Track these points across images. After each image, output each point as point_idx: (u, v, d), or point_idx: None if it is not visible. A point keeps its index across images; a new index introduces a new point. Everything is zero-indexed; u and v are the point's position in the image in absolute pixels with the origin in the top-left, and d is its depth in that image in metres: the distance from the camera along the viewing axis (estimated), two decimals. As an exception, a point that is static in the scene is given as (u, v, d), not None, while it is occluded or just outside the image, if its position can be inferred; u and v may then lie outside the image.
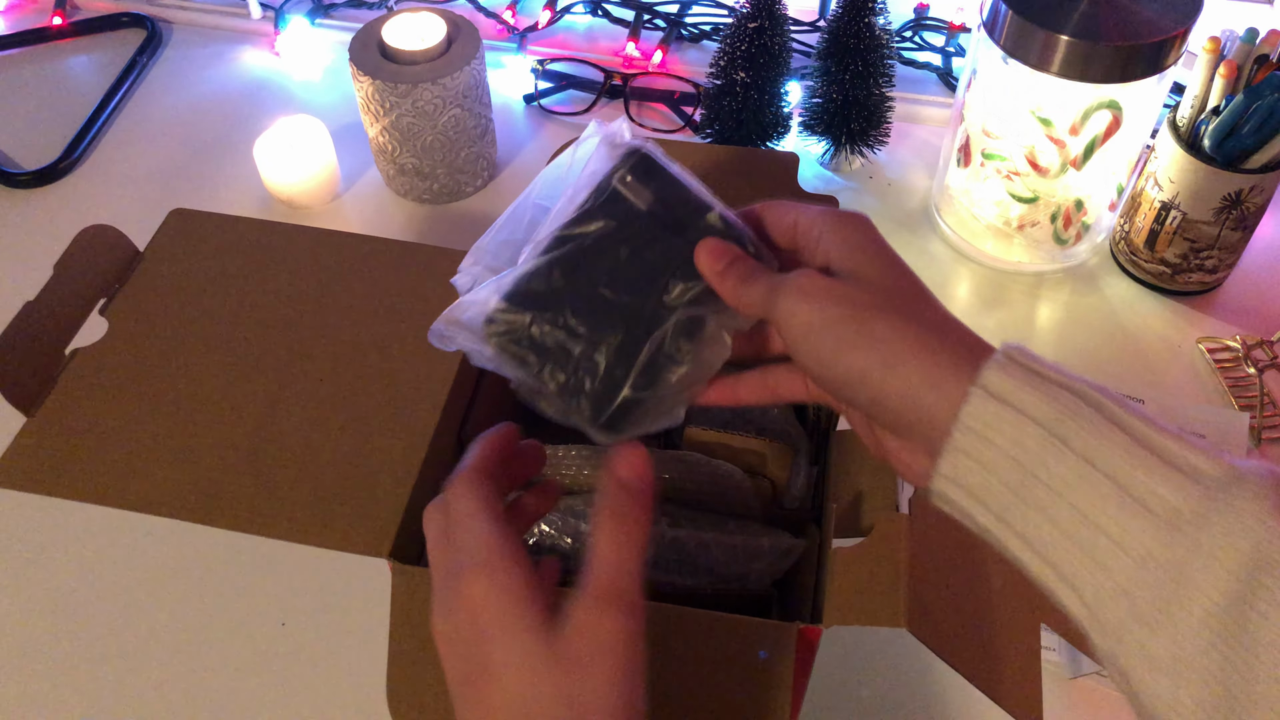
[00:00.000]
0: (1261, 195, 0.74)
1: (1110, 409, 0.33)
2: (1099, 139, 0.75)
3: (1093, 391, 0.34)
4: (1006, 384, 0.34)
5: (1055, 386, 0.34)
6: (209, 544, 0.68)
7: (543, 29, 1.04)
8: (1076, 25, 0.69)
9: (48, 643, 0.64)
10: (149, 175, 0.92)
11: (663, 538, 0.52)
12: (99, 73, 1.02)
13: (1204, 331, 0.79)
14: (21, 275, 0.62)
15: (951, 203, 0.85)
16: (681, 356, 0.41)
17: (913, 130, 0.95)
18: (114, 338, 0.54)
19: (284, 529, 0.47)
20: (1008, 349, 0.35)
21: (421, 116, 0.82)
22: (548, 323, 0.41)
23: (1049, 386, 0.34)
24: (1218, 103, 0.73)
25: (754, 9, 0.82)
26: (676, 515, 0.54)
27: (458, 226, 0.87)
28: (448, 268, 0.58)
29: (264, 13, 1.06)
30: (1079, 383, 0.34)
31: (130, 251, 0.58)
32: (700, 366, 0.41)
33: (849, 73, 0.84)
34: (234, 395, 0.51)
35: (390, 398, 0.52)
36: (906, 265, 0.39)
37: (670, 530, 0.52)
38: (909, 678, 0.62)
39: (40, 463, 0.49)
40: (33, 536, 0.69)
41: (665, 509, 0.54)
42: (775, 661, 0.44)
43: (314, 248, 0.59)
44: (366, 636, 0.63)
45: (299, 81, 1.01)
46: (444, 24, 0.83)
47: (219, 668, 0.63)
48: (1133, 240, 0.81)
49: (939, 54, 1.01)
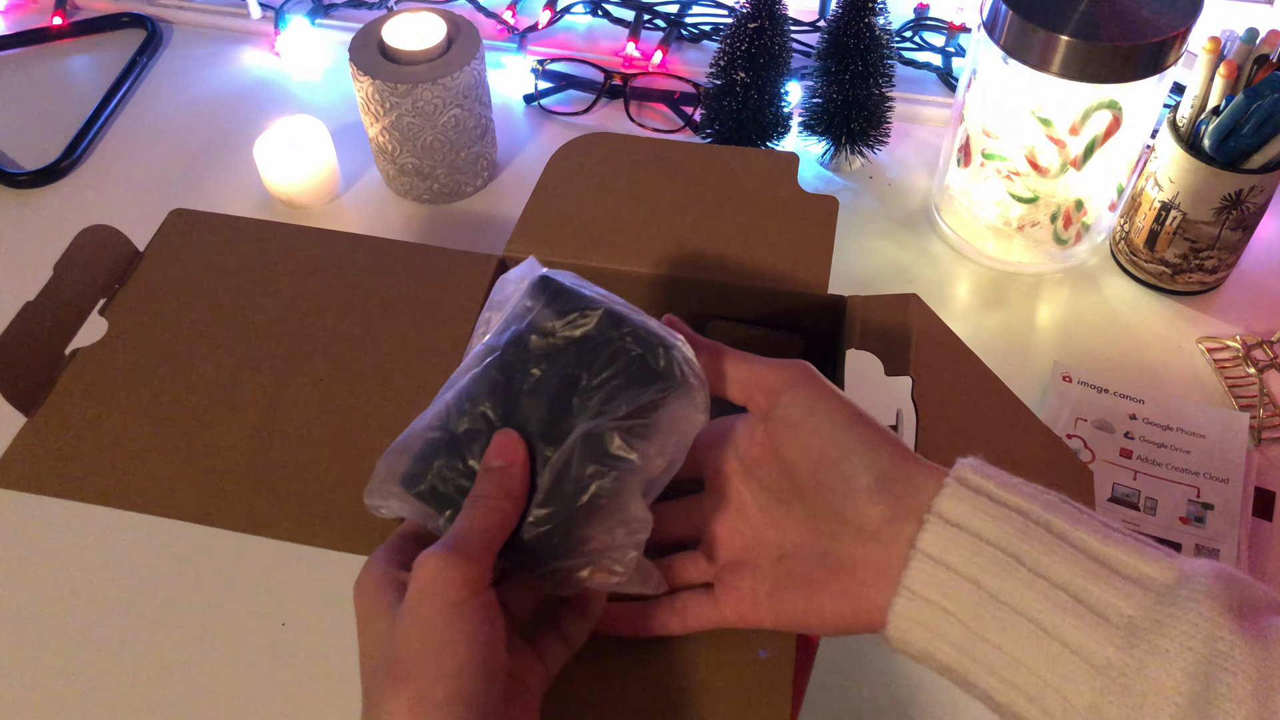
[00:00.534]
0: (1261, 195, 0.74)
1: (1059, 525, 0.35)
2: (1099, 139, 0.75)
3: (1040, 510, 0.35)
4: (960, 508, 0.36)
5: (1005, 509, 0.36)
6: (209, 544, 0.68)
7: (543, 29, 1.04)
8: (1076, 25, 0.69)
9: (47, 643, 0.64)
10: (149, 175, 0.92)
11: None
12: (99, 73, 1.02)
13: (1204, 331, 0.79)
14: (21, 275, 0.62)
15: (951, 203, 0.85)
16: (588, 480, 0.38)
17: (913, 130, 0.95)
18: (114, 338, 0.54)
19: (284, 529, 0.47)
20: (960, 471, 0.37)
21: (421, 116, 0.82)
22: (448, 470, 0.40)
23: (999, 509, 0.36)
24: (1218, 103, 0.73)
25: (754, 9, 0.82)
26: None
27: (458, 226, 0.87)
28: (447, 267, 0.58)
29: (264, 13, 1.06)
30: (1030, 499, 0.36)
31: (130, 251, 0.58)
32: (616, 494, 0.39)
33: (849, 73, 0.84)
34: (234, 395, 0.51)
35: (390, 397, 0.52)
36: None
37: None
38: (909, 678, 0.62)
39: (40, 463, 0.49)
40: (33, 536, 0.69)
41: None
42: (775, 661, 0.44)
43: (313, 248, 0.59)
44: (366, 636, 0.63)
45: (299, 81, 1.01)
46: (444, 24, 0.83)
47: (219, 668, 0.63)
48: (1133, 240, 0.81)
49: (939, 54, 1.01)
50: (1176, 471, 0.70)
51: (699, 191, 0.62)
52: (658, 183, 0.63)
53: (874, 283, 0.83)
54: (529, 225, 0.60)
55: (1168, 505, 0.69)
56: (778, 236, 0.59)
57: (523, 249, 0.59)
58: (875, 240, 0.86)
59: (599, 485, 0.38)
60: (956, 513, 0.36)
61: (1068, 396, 0.75)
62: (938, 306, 0.67)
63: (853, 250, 0.85)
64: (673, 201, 0.61)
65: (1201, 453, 0.71)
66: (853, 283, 0.72)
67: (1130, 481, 0.70)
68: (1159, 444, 0.72)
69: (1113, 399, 0.74)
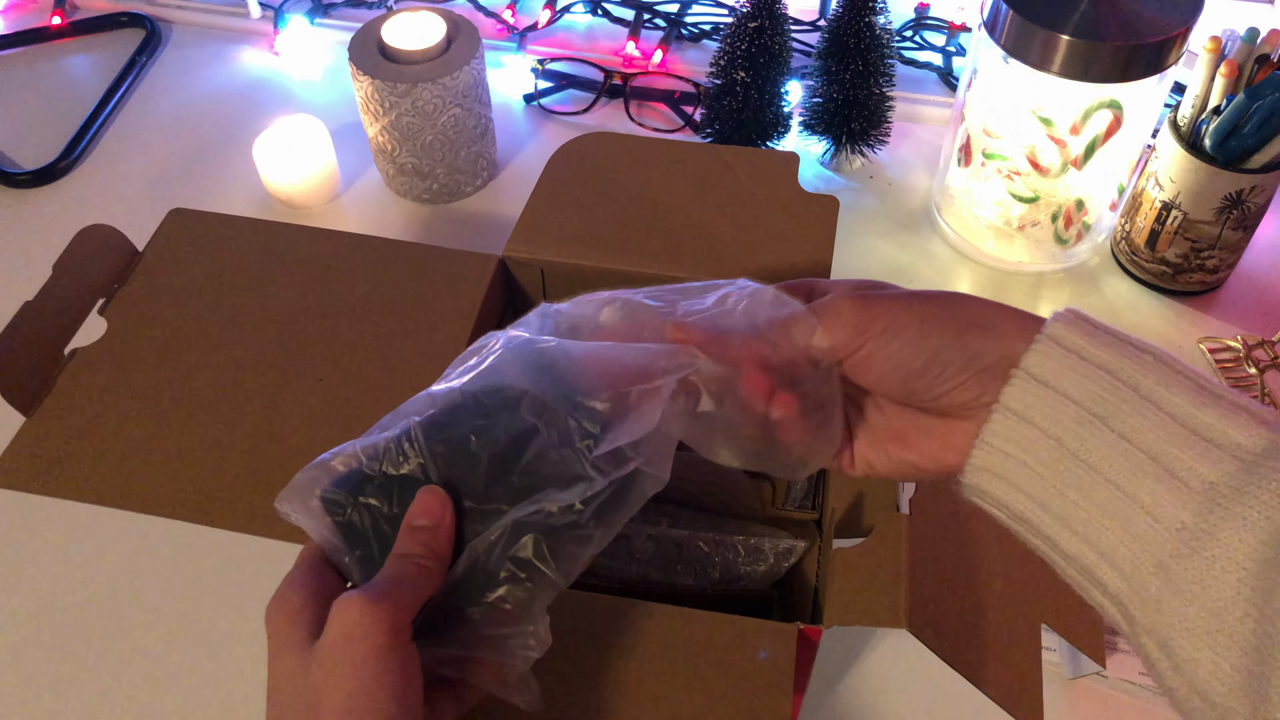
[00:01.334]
0: (1262, 195, 0.74)
1: (1149, 387, 0.34)
2: (1100, 139, 0.75)
3: (1132, 368, 0.35)
4: (1048, 365, 0.35)
5: (1094, 368, 0.35)
6: (209, 544, 0.68)
7: (543, 28, 1.04)
8: (1077, 25, 0.69)
9: (46, 642, 0.64)
10: (148, 175, 0.92)
11: (663, 538, 0.52)
12: (98, 72, 1.02)
13: (1205, 331, 0.79)
14: (21, 275, 0.62)
15: (952, 202, 0.85)
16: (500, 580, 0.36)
17: (913, 130, 0.95)
18: (113, 337, 0.54)
19: (283, 529, 0.47)
20: (1055, 324, 0.36)
21: (421, 116, 0.82)
22: (372, 510, 0.38)
23: (1088, 368, 0.35)
24: (1219, 102, 0.72)
25: (754, 8, 0.82)
26: (677, 515, 0.54)
27: (457, 226, 0.87)
28: (447, 267, 0.58)
29: (263, 12, 1.06)
30: (1124, 356, 0.35)
31: (129, 251, 0.58)
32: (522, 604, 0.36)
33: (849, 72, 0.84)
34: (233, 395, 0.51)
35: (389, 398, 0.51)
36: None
37: (671, 530, 0.52)
38: (909, 678, 0.62)
39: (39, 463, 0.49)
40: (32, 536, 0.69)
41: (665, 509, 0.54)
42: (775, 661, 0.44)
43: (313, 248, 0.59)
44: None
45: (298, 81, 1.01)
46: (444, 23, 0.83)
47: (219, 668, 0.63)
48: (1134, 240, 0.81)
49: (939, 53, 1.01)
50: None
51: (699, 191, 0.62)
52: (658, 183, 0.63)
53: (874, 282, 0.83)
54: (529, 225, 0.60)
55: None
56: (778, 236, 0.59)
57: (522, 249, 0.59)
58: (875, 240, 0.86)
59: (509, 590, 0.36)
60: (1044, 370, 0.35)
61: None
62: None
63: (853, 250, 0.85)
64: (673, 201, 0.61)
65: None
66: (853, 282, 0.72)
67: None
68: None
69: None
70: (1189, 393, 0.34)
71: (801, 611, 0.53)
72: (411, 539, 0.37)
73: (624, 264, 0.58)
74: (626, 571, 0.52)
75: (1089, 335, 0.36)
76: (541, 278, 0.60)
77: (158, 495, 0.48)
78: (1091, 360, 0.35)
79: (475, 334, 0.54)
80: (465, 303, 0.55)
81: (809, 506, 0.56)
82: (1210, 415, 0.33)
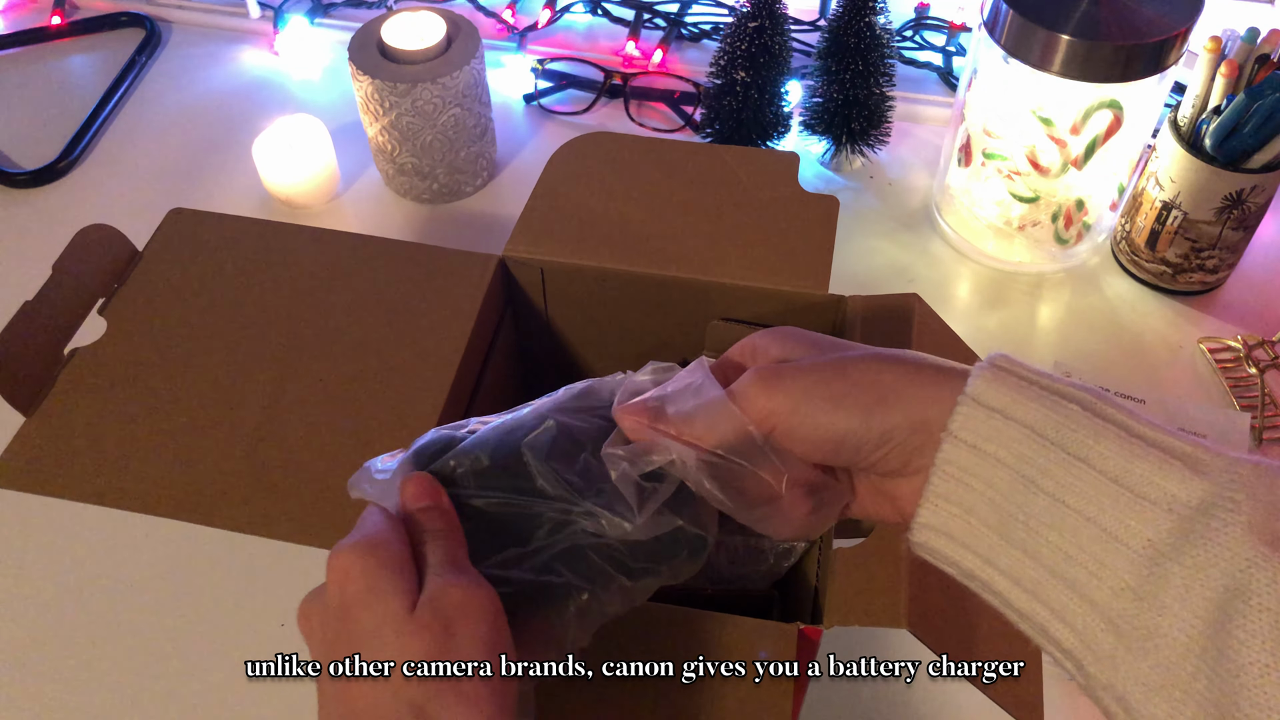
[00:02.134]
0: (1263, 195, 0.74)
1: (1077, 443, 0.33)
2: (1100, 138, 0.75)
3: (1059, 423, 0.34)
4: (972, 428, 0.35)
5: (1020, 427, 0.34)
6: (209, 544, 0.68)
7: (542, 28, 1.04)
8: (1077, 25, 0.69)
9: (46, 642, 0.64)
10: (148, 175, 0.92)
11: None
12: (98, 72, 1.02)
13: (1205, 331, 0.79)
14: (20, 275, 0.62)
15: (952, 202, 0.85)
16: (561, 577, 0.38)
17: (913, 130, 0.95)
18: (112, 337, 0.54)
19: (283, 529, 0.47)
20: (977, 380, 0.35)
21: (421, 116, 0.82)
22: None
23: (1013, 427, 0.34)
24: (1219, 102, 0.72)
25: (754, 8, 0.82)
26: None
27: (457, 226, 0.87)
28: (447, 267, 0.58)
29: (263, 12, 1.06)
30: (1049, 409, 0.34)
31: (129, 251, 0.58)
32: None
33: (849, 72, 0.84)
34: (233, 395, 0.51)
35: (389, 398, 0.52)
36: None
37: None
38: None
39: (39, 463, 0.49)
40: (32, 536, 0.68)
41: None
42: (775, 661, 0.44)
43: (313, 247, 0.59)
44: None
45: (298, 81, 1.01)
46: (443, 23, 0.83)
47: (219, 668, 0.63)
48: (1134, 240, 0.81)
49: (939, 53, 1.01)
50: (1177, 471, 0.70)
51: (699, 191, 0.62)
52: (658, 182, 0.63)
53: (874, 283, 0.83)
54: (529, 225, 0.60)
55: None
56: (778, 236, 0.59)
57: (523, 249, 0.59)
58: (876, 240, 0.86)
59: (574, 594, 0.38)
60: (970, 434, 0.34)
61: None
62: (938, 306, 0.67)
63: (853, 250, 0.85)
64: (673, 201, 0.61)
65: (1202, 453, 0.71)
66: (853, 283, 0.72)
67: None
68: (1160, 444, 0.72)
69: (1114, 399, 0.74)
70: (1119, 445, 0.33)
71: (802, 611, 0.53)
72: (426, 517, 0.38)
73: (624, 264, 0.58)
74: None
75: (1014, 389, 0.34)
76: (541, 278, 0.60)
77: (157, 495, 0.48)
78: (1015, 419, 0.34)
79: (475, 334, 0.54)
80: (465, 303, 0.55)
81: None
82: (1143, 468, 0.32)
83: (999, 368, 0.35)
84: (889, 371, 0.36)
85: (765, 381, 0.37)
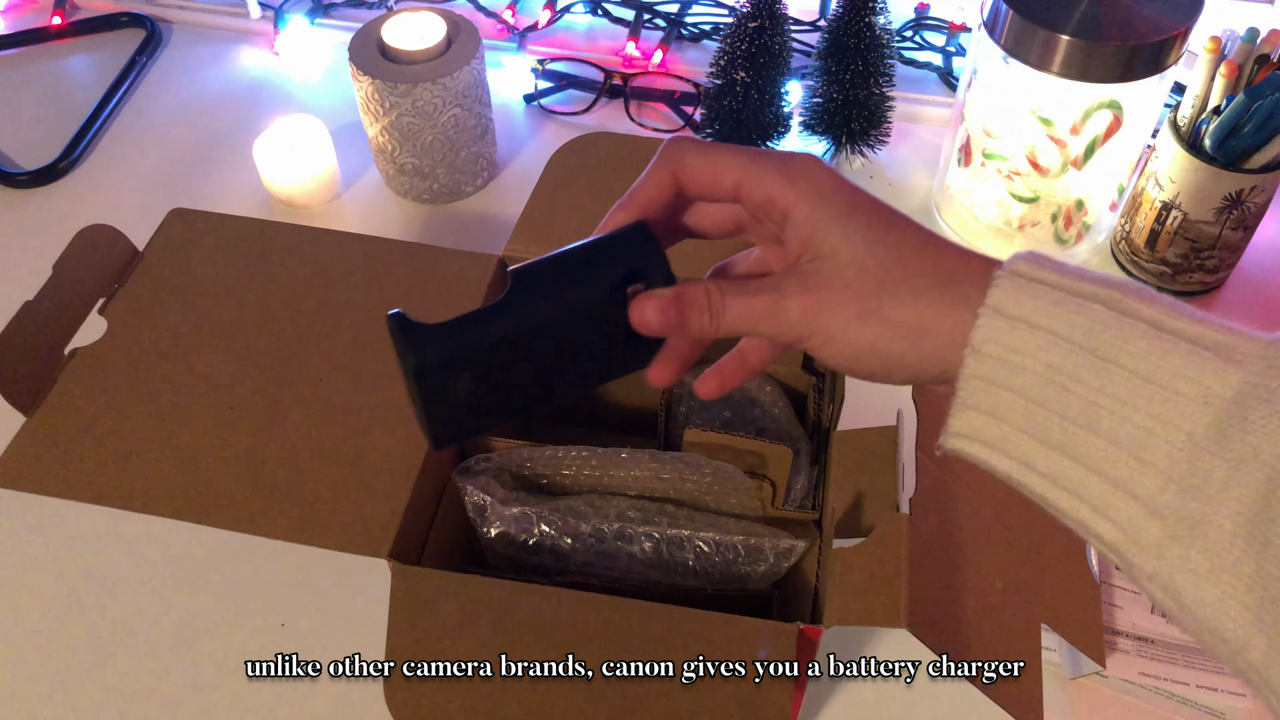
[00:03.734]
0: (1262, 195, 0.74)
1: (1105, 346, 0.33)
2: (1100, 139, 0.75)
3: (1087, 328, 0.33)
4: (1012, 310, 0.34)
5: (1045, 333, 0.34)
6: (209, 544, 0.68)
7: (543, 29, 1.04)
8: (1077, 25, 0.69)
9: (46, 642, 0.64)
10: (148, 175, 0.92)
11: (663, 538, 0.52)
12: (98, 73, 1.02)
13: (1205, 331, 0.79)
14: (21, 275, 0.62)
15: (952, 202, 0.85)
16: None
17: (913, 130, 0.95)
18: (113, 337, 0.54)
19: (283, 529, 0.47)
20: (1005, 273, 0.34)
21: (421, 116, 0.82)
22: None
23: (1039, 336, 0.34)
24: (1218, 102, 0.72)
25: (754, 8, 0.82)
26: (676, 515, 0.54)
27: (457, 226, 0.87)
28: (447, 267, 0.58)
29: (263, 12, 1.06)
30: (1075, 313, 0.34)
31: (129, 251, 0.58)
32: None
33: (849, 72, 0.84)
34: (233, 395, 0.51)
35: (389, 397, 0.52)
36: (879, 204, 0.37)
37: (670, 530, 0.52)
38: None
39: (39, 462, 0.49)
40: (32, 536, 0.69)
41: (665, 509, 0.54)
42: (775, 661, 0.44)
43: (313, 247, 0.59)
44: (366, 636, 0.63)
45: (298, 81, 1.01)
46: (444, 24, 0.83)
47: (219, 668, 0.63)
48: (1133, 240, 0.81)
49: (939, 54, 1.01)
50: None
51: None
52: None
53: (874, 282, 0.83)
54: (529, 224, 0.60)
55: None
56: None
57: (522, 248, 0.59)
58: (875, 240, 0.86)
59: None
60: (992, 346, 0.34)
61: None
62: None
63: (853, 250, 0.85)
64: None
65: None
66: (853, 282, 0.72)
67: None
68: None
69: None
70: (1148, 342, 0.32)
71: (801, 611, 0.53)
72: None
73: None
74: (627, 572, 0.52)
75: (1035, 295, 0.34)
76: None
77: (157, 495, 0.48)
78: (1041, 326, 0.33)
79: None
80: (465, 303, 0.55)
81: (809, 506, 0.56)
82: (1175, 363, 0.32)
83: (1017, 274, 0.34)
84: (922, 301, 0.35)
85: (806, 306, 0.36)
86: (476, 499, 0.52)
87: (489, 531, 0.52)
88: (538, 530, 0.51)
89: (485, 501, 0.52)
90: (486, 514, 0.52)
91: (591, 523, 0.52)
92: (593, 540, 0.52)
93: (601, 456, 0.54)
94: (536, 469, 0.54)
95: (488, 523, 0.52)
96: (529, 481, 0.54)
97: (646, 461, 0.53)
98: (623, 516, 0.52)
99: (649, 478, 0.54)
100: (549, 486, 0.55)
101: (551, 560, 0.52)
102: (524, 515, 0.51)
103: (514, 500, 0.52)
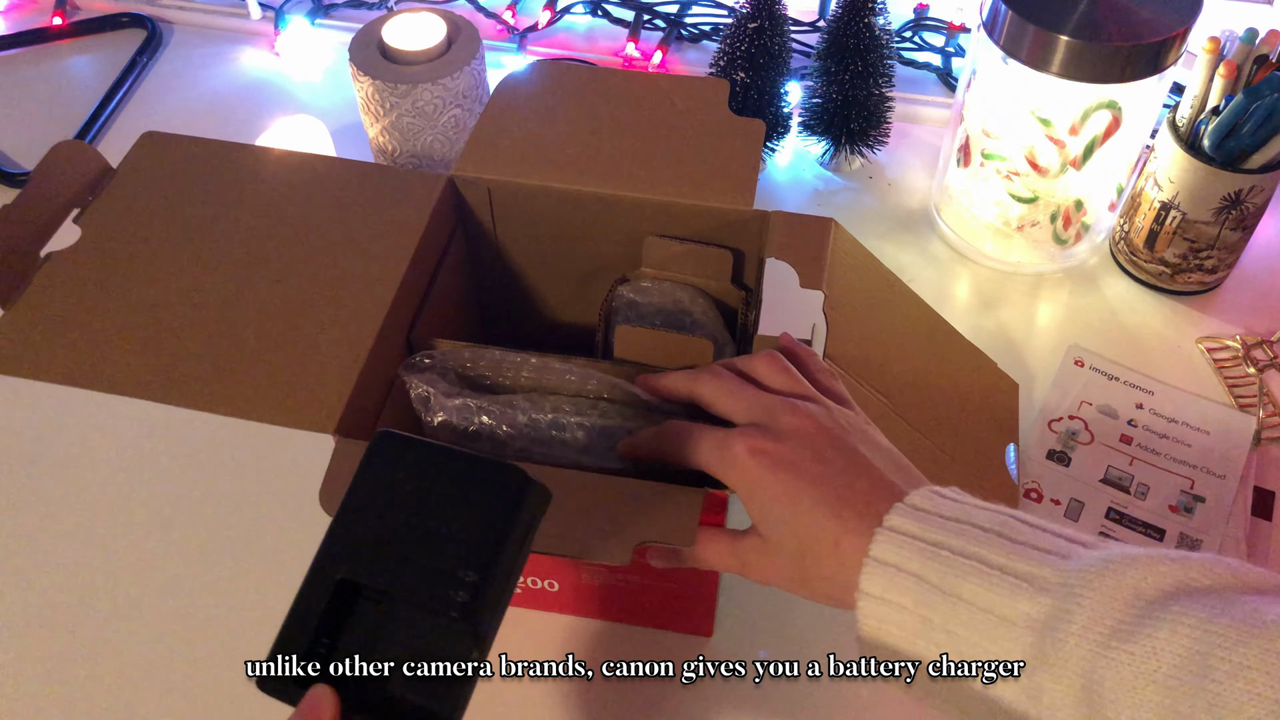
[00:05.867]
0: (1261, 195, 0.74)
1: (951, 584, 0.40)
2: (1099, 139, 0.75)
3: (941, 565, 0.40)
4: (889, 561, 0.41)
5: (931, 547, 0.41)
6: (210, 543, 0.68)
7: (543, 29, 1.04)
8: (1076, 25, 0.69)
9: (45, 642, 0.64)
10: (149, 175, 0.92)
11: (594, 426, 0.54)
12: (99, 73, 1.02)
13: (1204, 331, 0.79)
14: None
15: (951, 203, 0.85)
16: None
17: (913, 130, 0.95)
18: (87, 242, 0.56)
19: (238, 407, 0.49)
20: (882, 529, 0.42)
21: (421, 117, 0.82)
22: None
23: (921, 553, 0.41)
24: (1217, 103, 0.73)
25: (754, 9, 0.82)
26: (608, 409, 0.55)
27: (457, 226, 0.87)
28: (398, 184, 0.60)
29: (264, 13, 1.06)
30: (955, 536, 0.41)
31: (102, 166, 0.60)
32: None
33: (849, 73, 0.84)
34: (197, 292, 0.54)
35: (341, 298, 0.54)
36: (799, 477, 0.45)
37: (601, 421, 0.54)
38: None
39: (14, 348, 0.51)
40: (32, 536, 0.69)
41: (599, 405, 0.56)
42: None
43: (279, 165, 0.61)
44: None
45: (299, 82, 1.01)
46: (444, 24, 0.83)
47: (219, 668, 0.63)
48: (1132, 240, 0.81)
49: (939, 54, 1.01)
50: (1174, 463, 0.71)
51: (636, 116, 0.65)
52: (598, 107, 0.65)
53: (874, 282, 0.83)
54: (477, 146, 0.63)
55: (1159, 493, 0.69)
56: (708, 157, 0.62)
57: (470, 168, 0.61)
58: (875, 240, 0.86)
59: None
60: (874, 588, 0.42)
61: (1076, 379, 0.76)
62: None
63: (852, 250, 0.85)
64: (612, 125, 0.64)
65: (1202, 448, 0.72)
66: (852, 282, 0.72)
67: (1126, 466, 0.71)
68: (1161, 435, 0.72)
69: (1123, 387, 0.75)
70: (980, 578, 0.39)
71: None
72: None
73: (566, 183, 0.60)
74: (561, 458, 0.54)
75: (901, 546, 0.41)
76: (489, 196, 0.62)
77: (125, 377, 0.50)
78: (908, 571, 0.41)
79: (423, 245, 0.57)
80: (412, 215, 0.58)
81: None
82: (999, 596, 0.39)
83: (893, 530, 0.42)
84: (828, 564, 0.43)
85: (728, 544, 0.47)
86: (420, 390, 0.54)
87: (432, 421, 0.54)
88: (478, 420, 0.53)
89: (429, 393, 0.54)
90: (430, 404, 0.54)
91: (529, 414, 0.54)
92: (529, 429, 0.54)
93: (540, 360, 0.56)
94: (479, 369, 0.56)
95: (431, 412, 0.54)
96: (472, 381, 0.57)
97: (579, 369, 0.56)
98: (558, 409, 0.54)
99: (579, 383, 0.56)
100: (491, 387, 0.57)
101: (490, 447, 0.54)
102: (465, 406, 0.54)
103: (456, 394, 0.54)
